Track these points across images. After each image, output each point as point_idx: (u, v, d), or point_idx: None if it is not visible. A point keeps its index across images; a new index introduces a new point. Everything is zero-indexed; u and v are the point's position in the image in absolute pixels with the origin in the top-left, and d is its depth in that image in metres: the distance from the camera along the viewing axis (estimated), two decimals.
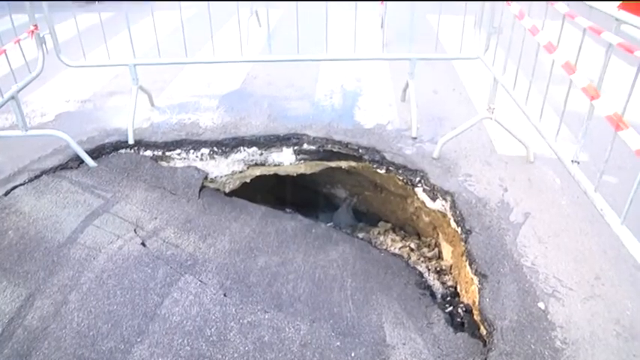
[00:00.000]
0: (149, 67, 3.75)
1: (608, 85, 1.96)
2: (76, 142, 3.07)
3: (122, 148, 3.26)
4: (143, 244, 2.55)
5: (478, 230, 2.45)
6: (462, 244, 2.49)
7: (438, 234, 3.19)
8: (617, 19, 1.78)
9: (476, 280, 2.26)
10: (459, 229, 2.58)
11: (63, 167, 3.06)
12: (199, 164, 3.29)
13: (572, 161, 2.06)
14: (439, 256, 3.10)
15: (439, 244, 3.16)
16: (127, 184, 3.02)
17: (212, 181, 3.35)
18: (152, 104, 3.74)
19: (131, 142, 3.25)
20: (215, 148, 3.28)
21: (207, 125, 3.44)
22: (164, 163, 3.28)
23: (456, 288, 2.68)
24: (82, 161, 3.10)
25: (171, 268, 2.41)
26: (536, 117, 2.41)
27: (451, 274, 2.82)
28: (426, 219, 3.31)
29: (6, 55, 2.81)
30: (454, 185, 2.79)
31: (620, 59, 3.81)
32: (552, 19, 2.34)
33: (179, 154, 3.27)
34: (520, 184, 2.80)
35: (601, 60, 1.81)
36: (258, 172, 3.51)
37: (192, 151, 3.26)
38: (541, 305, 2.03)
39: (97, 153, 3.19)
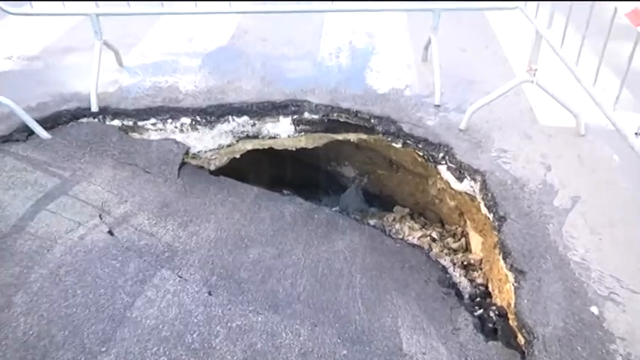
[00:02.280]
0: (116, 17, 3.64)
1: None
2: (22, 108, 2.99)
3: (83, 116, 3.21)
4: (110, 232, 2.55)
5: (514, 217, 2.43)
6: (495, 233, 2.48)
7: (465, 221, 3.19)
8: None
9: (511, 277, 2.23)
10: (490, 216, 2.55)
11: (6, 139, 2.98)
12: (179, 136, 3.25)
13: (635, 134, 2.00)
14: (466, 248, 3.10)
15: (466, 234, 3.16)
16: (90, 161, 2.98)
17: (194, 156, 3.33)
18: (120, 64, 3.66)
19: (94, 109, 3.19)
20: (198, 118, 3.23)
21: (188, 90, 3.40)
22: (136, 135, 3.24)
23: (487, 287, 2.67)
24: (31, 132, 3.03)
25: (144, 261, 2.40)
26: (589, 80, 2.33)
27: (481, 269, 2.81)
28: (451, 203, 3.31)
29: None
30: (485, 162, 2.76)
31: None
32: None
33: (154, 125, 3.23)
34: (567, 162, 2.77)
35: None
36: (249, 146, 3.49)
37: (170, 120, 3.22)
38: (594, 310, 1.99)
39: (50, 122, 3.12)
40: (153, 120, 3.23)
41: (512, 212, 2.45)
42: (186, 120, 3.24)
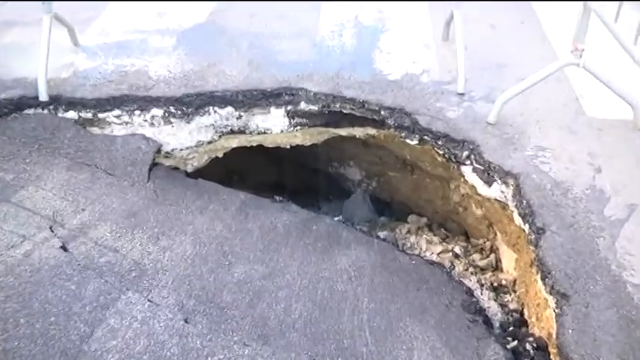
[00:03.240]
0: None
1: None
2: None
3: (29, 107, 3.20)
4: (63, 248, 2.54)
5: (556, 229, 2.43)
6: (532, 248, 2.47)
7: (494, 234, 3.18)
8: None
9: (552, 302, 2.22)
10: (526, 227, 2.55)
11: None
12: (149, 131, 3.25)
13: None
14: (496, 267, 3.09)
15: (497, 249, 3.16)
16: (39, 161, 2.97)
17: (168, 155, 3.33)
18: (75, 43, 3.66)
19: (43, 98, 3.18)
20: (172, 109, 3.24)
21: (159, 75, 3.39)
22: (95, 130, 3.24)
23: (522, 313, 2.66)
24: None
25: (106, 282, 2.38)
26: None
27: (515, 292, 2.80)
28: (478, 212, 3.31)
29: None
30: (520, 163, 2.76)
31: None
32: None
33: (119, 117, 3.23)
34: (621, 162, 2.76)
35: None
36: (234, 142, 3.49)
37: (137, 112, 3.22)
38: None
39: None
40: (117, 111, 3.22)
41: (553, 223, 2.45)
42: (157, 111, 3.23)
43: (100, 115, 3.22)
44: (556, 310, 2.17)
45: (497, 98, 3.04)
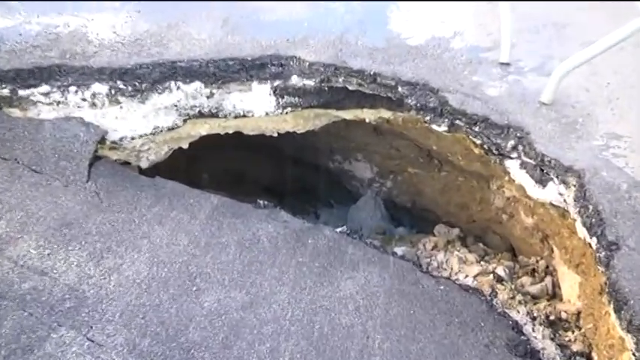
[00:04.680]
0: None
1: None
2: None
3: None
4: None
5: (634, 244, 2.40)
6: (602, 270, 2.44)
7: (551, 250, 3.17)
8: None
9: (631, 342, 2.19)
10: (594, 242, 2.53)
11: None
12: (89, 114, 3.24)
13: None
14: (553, 294, 3.08)
15: (553, 271, 3.14)
16: None
17: (115, 146, 3.32)
18: None
19: None
20: (120, 84, 3.21)
21: (103, 38, 3.37)
22: (15, 112, 3.24)
23: (589, 357, 2.63)
24: None
25: (30, 315, 2.36)
26: None
27: (579, 328, 2.78)
28: (528, 221, 3.29)
29: None
30: (585, 156, 2.74)
31: None
32: None
33: (47, 95, 3.21)
34: None
35: None
36: (204, 129, 3.49)
37: (73, 88, 3.20)
38: None
39: None
40: (44, 87, 3.20)
41: (631, 236, 2.42)
42: (100, 87, 3.21)
43: (21, 93, 3.20)
44: (637, 354, 2.14)
45: (554, 70, 3.00)
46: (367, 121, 3.46)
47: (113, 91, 3.23)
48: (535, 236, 3.27)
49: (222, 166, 4.03)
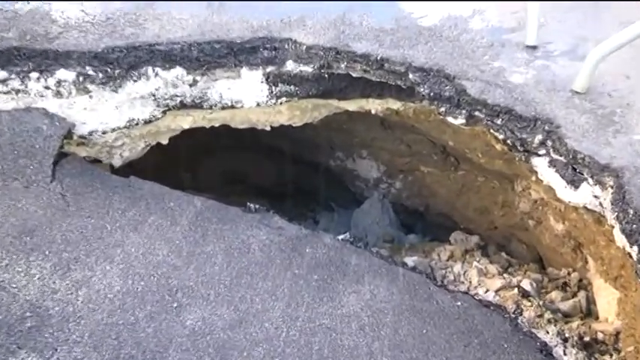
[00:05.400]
0: None
1: None
2: None
3: None
4: None
5: None
6: None
7: (585, 261, 3.13)
8: None
9: None
10: (634, 252, 2.44)
11: None
12: (53, 104, 3.17)
13: None
14: (588, 311, 3.02)
15: (588, 285, 3.11)
16: None
17: (83, 141, 3.28)
18: None
19: None
20: (89, 70, 3.14)
21: (69, 17, 3.30)
22: None
23: None
24: None
25: None
26: None
27: (618, 351, 2.71)
28: (559, 227, 3.27)
29: None
30: (624, 153, 2.66)
31: None
32: None
33: (4, 82, 3.15)
34: None
35: None
36: (186, 122, 3.46)
37: (34, 74, 3.13)
38: None
39: None
40: (1, 74, 3.14)
41: None
42: (66, 74, 3.15)
43: None
44: None
45: (589, 54, 2.92)
46: (373, 112, 3.43)
47: (81, 78, 3.17)
48: (566, 245, 3.24)
49: (206, 164, 3.88)
